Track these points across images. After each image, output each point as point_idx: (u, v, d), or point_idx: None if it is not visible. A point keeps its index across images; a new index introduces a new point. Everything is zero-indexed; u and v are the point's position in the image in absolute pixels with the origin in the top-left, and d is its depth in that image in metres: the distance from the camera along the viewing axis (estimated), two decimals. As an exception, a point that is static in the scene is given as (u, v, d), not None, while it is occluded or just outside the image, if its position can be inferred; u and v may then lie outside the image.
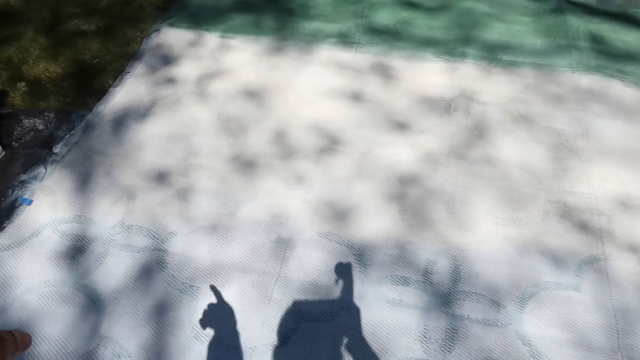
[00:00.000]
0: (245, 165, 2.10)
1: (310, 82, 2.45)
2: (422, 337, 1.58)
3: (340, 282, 1.72)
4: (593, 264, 1.74)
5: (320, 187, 2.01)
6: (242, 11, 2.90)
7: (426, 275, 1.73)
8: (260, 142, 2.19)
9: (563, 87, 2.36)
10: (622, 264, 1.75)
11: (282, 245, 1.82)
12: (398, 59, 2.55)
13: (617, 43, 2.60)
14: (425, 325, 1.61)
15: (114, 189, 2.03)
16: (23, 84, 2.49)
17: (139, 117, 2.33)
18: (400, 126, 2.24)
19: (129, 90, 2.46)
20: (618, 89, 2.35)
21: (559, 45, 2.59)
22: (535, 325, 1.60)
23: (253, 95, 2.40)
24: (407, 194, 1.97)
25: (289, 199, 1.97)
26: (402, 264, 1.76)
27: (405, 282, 1.71)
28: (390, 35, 2.69)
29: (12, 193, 2.04)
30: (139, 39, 2.76)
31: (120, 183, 2.05)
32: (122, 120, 2.32)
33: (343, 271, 1.75)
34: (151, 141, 2.22)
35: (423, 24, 2.75)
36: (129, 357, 1.56)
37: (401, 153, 2.12)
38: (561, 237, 1.82)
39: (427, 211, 1.91)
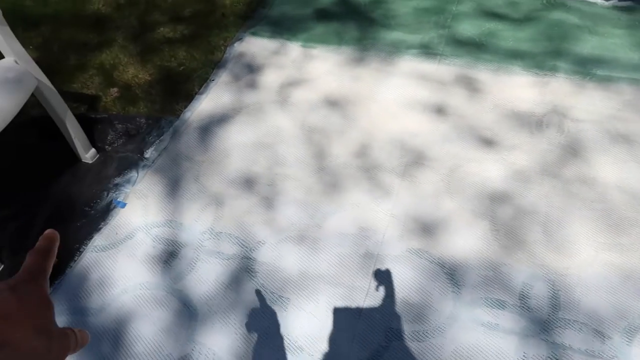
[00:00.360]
0: (331, 176, 2.10)
1: (393, 94, 2.42)
2: (521, 364, 1.52)
3: (432, 301, 1.68)
4: None
5: (408, 201, 1.97)
6: (323, 21, 2.91)
7: (523, 300, 1.66)
8: (345, 153, 2.18)
9: (665, 105, 2.23)
10: None
11: (371, 260, 1.80)
12: (484, 72, 2.48)
13: None
14: (524, 352, 1.54)
15: (203, 195, 2.08)
16: (115, 89, 2.60)
17: (224, 124, 2.38)
18: (488, 142, 2.17)
19: (214, 98, 2.52)
20: None
21: (659, 60, 2.45)
22: (644, 360, 1.51)
23: (335, 105, 2.40)
24: (499, 213, 1.91)
25: (375, 212, 1.95)
26: (496, 286, 1.70)
27: (501, 305, 1.65)
28: (474, 47, 2.62)
29: (107, 195, 2.13)
30: (223, 47, 2.82)
31: (208, 189, 2.10)
32: (208, 127, 2.37)
33: (435, 290, 1.71)
34: (237, 149, 2.26)
35: (509, 36, 2.67)
36: (222, 364, 1.59)
37: (491, 170, 2.06)
38: (669, 267, 1.71)
39: (521, 232, 1.84)
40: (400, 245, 1.84)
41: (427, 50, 2.63)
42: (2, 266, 1.91)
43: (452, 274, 1.75)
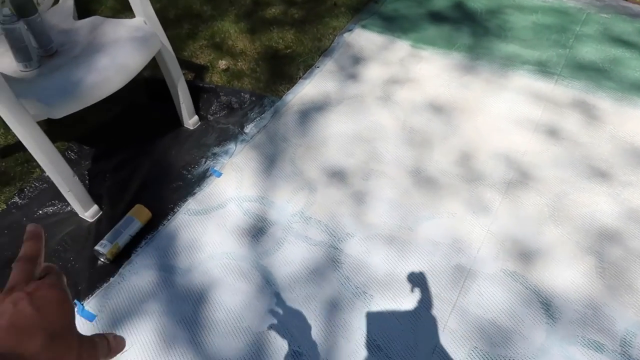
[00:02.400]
0: (428, 181, 2.04)
1: (503, 108, 2.32)
2: (617, 416, 1.41)
3: (523, 329, 1.59)
4: None
5: (508, 221, 1.88)
6: (435, 23, 2.85)
7: (624, 347, 1.54)
8: (445, 160, 2.11)
9: None
10: None
11: (462, 274, 1.73)
12: (605, 100, 2.33)
13: None
14: (621, 403, 1.43)
15: (297, 178, 2.08)
16: (223, 62, 2.66)
17: (324, 112, 2.37)
18: (602, 174, 2.03)
19: (316, 85, 2.52)
20: None
21: None
22: None
23: (440, 110, 2.34)
24: (607, 250, 1.78)
25: (472, 226, 1.87)
26: (596, 326, 1.58)
27: (598, 348, 1.53)
28: (596, 72, 2.47)
29: (205, 163, 2.18)
30: (331, 36, 2.81)
31: (303, 174, 2.10)
32: (308, 113, 2.37)
33: (527, 317, 1.62)
34: (335, 138, 2.24)
35: (637, 66, 2.49)
36: (298, 347, 1.57)
37: (601, 203, 1.92)
38: None
39: (630, 275, 1.71)
40: (495, 265, 1.75)
41: (544, 69, 2.50)
42: (101, 213, 2.00)
43: (547, 305, 1.64)
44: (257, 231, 1.90)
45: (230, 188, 2.06)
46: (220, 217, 1.96)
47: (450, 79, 2.49)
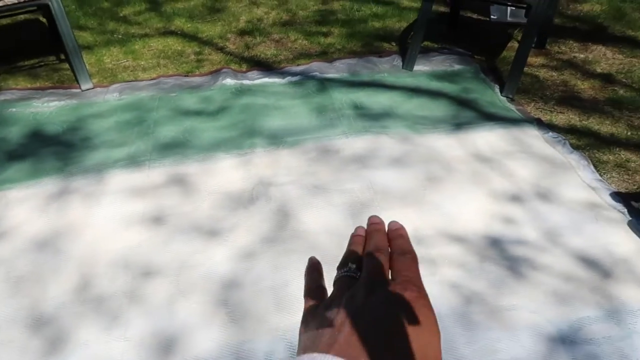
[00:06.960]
0: (48, 324, 1.89)
1: (107, 213, 2.35)
2: None
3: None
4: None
5: (140, 319, 1.89)
6: (16, 160, 2.71)
7: (268, 369, 1.71)
8: (63, 292, 2.00)
9: (342, 152, 2.65)
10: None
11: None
12: (191, 165, 2.60)
13: (374, 105, 3.04)
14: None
15: None
16: None
17: None
18: (209, 230, 2.25)
19: None
20: (386, 141, 2.73)
21: (331, 118, 2.92)
22: None
23: (44, 244, 2.21)
24: (231, 296, 1.96)
25: (107, 344, 1.81)
26: (241, 367, 1.72)
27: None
28: (179, 146, 2.74)
29: None
30: None
31: None
32: None
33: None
34: None
35: (208, 127, 2.88)
36: None
37: (216, 256, 2.12)
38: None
39: (253, 305, 1.92)
40: (140, 368, 1.73)
41: (134, 160, 2.64)
42: None
43: (198, 375, 1.71)
44: None
45: None
46: None
47: (47, 206, 2.40)
